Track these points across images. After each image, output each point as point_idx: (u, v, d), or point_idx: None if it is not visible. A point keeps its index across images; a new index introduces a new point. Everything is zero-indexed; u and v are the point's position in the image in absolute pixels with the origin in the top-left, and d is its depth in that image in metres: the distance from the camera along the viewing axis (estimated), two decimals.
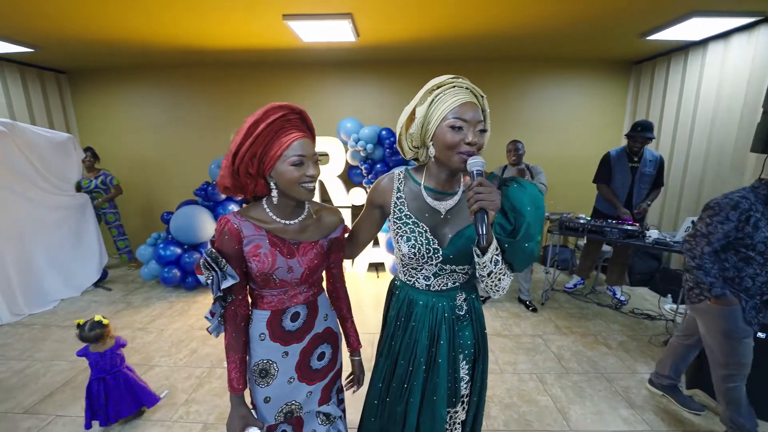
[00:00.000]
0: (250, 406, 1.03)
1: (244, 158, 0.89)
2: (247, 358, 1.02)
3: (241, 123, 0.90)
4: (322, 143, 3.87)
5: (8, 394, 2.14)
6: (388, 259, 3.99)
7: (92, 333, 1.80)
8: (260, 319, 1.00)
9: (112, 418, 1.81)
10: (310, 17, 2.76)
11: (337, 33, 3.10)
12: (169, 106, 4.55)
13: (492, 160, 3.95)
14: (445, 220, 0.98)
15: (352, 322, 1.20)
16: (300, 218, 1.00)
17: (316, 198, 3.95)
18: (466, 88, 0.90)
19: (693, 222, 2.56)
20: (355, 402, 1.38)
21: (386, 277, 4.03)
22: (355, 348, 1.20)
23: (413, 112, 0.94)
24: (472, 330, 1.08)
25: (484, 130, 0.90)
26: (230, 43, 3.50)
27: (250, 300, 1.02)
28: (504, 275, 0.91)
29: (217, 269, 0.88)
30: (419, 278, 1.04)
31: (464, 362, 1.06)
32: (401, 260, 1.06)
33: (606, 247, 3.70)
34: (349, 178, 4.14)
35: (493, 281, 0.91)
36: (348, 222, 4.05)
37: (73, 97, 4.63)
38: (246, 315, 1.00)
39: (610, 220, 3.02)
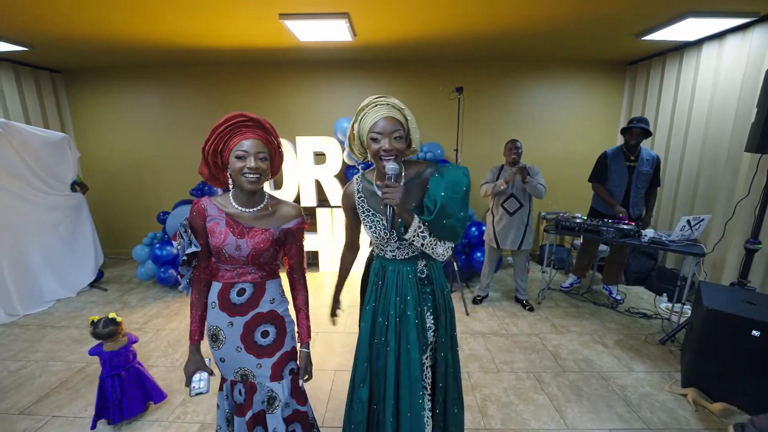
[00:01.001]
0: (208, 365, 1.26)
1: (209, 152, 1.15)
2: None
3: None
4: (319, 143, 3.87)
5: (4, 394, 2.13)
6: None
7: (106, 330, 1.82)
8: (214, 289, 1.21)
9: (125, 414, 1.82)
10: (306, 17, 2.75)
11: (334, 32, 3.10)
12: (165, 106, 4.53)
13: (491, 159, 3.97)
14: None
15: (306, 314, 1.32)
16: (256, 208, 1.20)
17: (312, 197, 3.96)
18: (386, 104, 1.13)
19: (688, 221, 2.58)
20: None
21: None
22: (303, 339, 1.31)
23: (352, 128, 1.19)
24: (432, 288, 1.31)
25: (399, 137, 1.11)
26: (226, 43, 3.49)
27: (212, 272, 1.24)
28: (435, 245, 1.19)
29: (184, 237, 1.13)
30: (387, 251, 1.29)
31: (428, 313, 1.30)
32: (371, 241, 1.31)
33: (603, 247, 3.71)
34: (346, 178, 4.14)
35: (429, 249, 1.20)
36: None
37: (68, 97, 4.60)
38: (208, 281, 1.23)
39: (606, 220, 3.03)
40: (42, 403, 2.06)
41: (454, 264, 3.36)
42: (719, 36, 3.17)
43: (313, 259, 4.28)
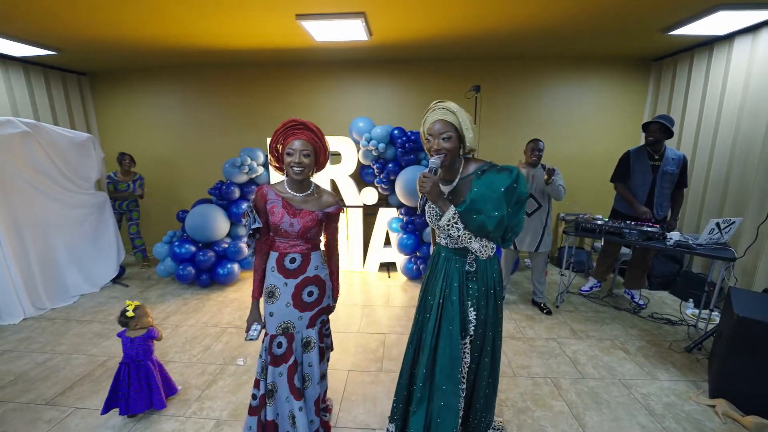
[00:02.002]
0: (262, 319, 1.55)
1: (272, 148, 1.51)
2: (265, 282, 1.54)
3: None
4: (335, 143, 3.88)
5: (31, 385, 2.21)
6: (400, 259, 3.97)
7: (121, 320, 1.92)
8: (273, 257, 1.52)
9: (131, 408, 1.85)
10: (323, 17, 2.76)
11: (350, 32, 3.10)
12: (185, 107, 4.64)
13: (508, 160, 3.90)
14: (447, 198, 1.39)
15: (337, 276, 1.68)
16: (305, 194, 1.52)
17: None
18: (441, 109, 1.30)
19: (718, 224, 2.47)
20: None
21: (397, 277, 4.01)
22: (335, 296, 1.67)
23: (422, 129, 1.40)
24: (478, 284, 1.42)
25: (448, 138, 1.29)
26: (244, 44, 3.54)
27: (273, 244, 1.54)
28: (471, 240, 1.34)
29: (251, 215, 1.44)
30: (441, 237, 1.47)
31: (471, 308, 1.42)
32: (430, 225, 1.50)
33: (625, 249, 3.59)
34: (361, 177, 4.13)
35: (465, 242, 1.35)
36: (358, 221, 4.06)
37: (93, 98, 4.76)
38: (268, 251, 1.54)
39: (629, 221, 2.93)
40: (66, 394, 2.13)
41: None
42: (753, 29, 3.02)
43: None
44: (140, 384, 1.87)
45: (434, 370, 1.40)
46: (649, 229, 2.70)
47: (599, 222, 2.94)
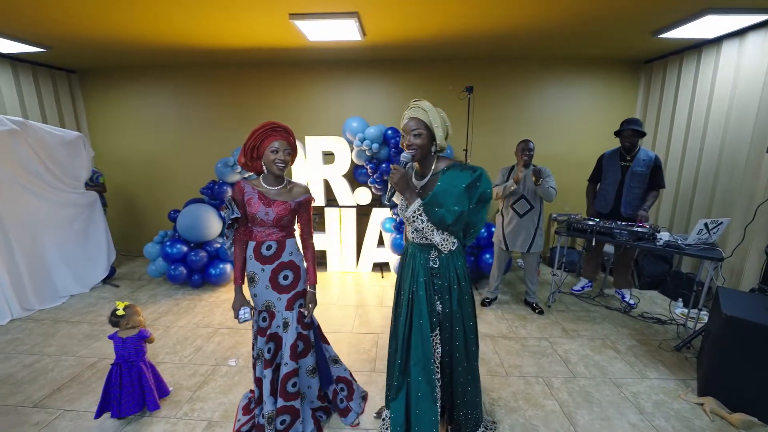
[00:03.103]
0: (249, 299, 1.72)
1: (249, 147, 1.60)
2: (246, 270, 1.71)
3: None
4: (328, 143, 3.87)
5: (18, 387, 2.17)
6: (393, 259, 3.97)
7: (111, 320, 1.90)
8: (250, 246, 1.68)
9: (122, 410, 1.82)
10: (316, 16, 2.75)
11: (343, 32, 3.10)
12: (177, 105, 4.59)
13: (501, 160, 3.93)
14: (419, 192, 1.47)
15: (313, 264, 1.75)
16: (278, 187, 1.67)
17: (320, 197, 3.97)
18: (415, 107, 1.38)
19: (706, 224, 2.51)
20: None
21: (391, 278, 4.01)
22: (311, 282, 1.74)
23: None
24: (441, 280, 1.49)
25: (418, 135, 1.37)
26: (236, 43, 3.52)
27: (249, 234, 1.69)
28: (432, 232, 1.42)
29: (230, 207, 1.60)
30: (409, 232, 1.56)
31: (438, 302, 1.51)
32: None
33: (608, 248, 3.64)
34: (355, 177, 4.13)
35: (428, 234, 1.43)
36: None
37: (83, 97, 4.69)
38: (246, 241, 1.69)
39: (619, 222, 2.96)
40: (54, 396, 2.09)
41: None
42: (740, 33, 3.07)
43: (321, 259, 4.29)
44: (133, 385, 1.84)
45: (408, 362, 1.49)
46: (639, 229, 2.73)
47: (591, 222, 2.97)
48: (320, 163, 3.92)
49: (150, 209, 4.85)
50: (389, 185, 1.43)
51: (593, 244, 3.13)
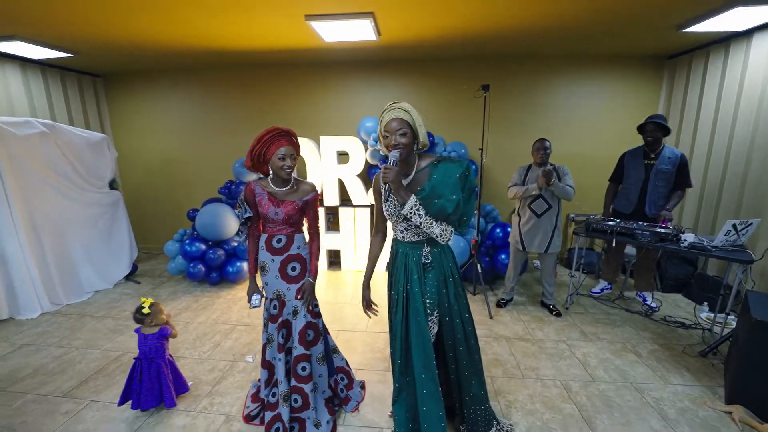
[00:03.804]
0: (261, 289, 1.86)
1: (254, 153, 1.68)
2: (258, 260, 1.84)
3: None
4: (342, 143, 3.89)
5: (49, 378, 2.28)
6: None
7: (135, 317, 1.95)
8: (263, 238, 1.80)
9: (142, 403, 1.88)
10: (331, 17, 2.77)
11: (359, 32, 3.11)
12: (195, 108, 4.70)
13: (517, 159, 3.87)
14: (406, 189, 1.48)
15: (316, 257, 1.85)
16: (285, 188, 1.76)
17: (335, 196, 3.99)
18: (396, 108, 1.40)
19: (734, 225, 2.41)
20: None
21: None
22: (311, 273, 1.83)
23: (379, 128, 1.47)
24: (435, 273, 1.54)
25: (404, 134, 1.38)
26: (253, 45, 3.58)
27: (261, 228, 1.84)
28: (432, 225, 1.42)
29: (242, 207, 1.74)
30: (398, 231, 1.58)
31: (434, 296, 1.54)
32: (388, 219, 1.56)
33: (630, 250, 3.53)
34: (369, 177, 4.14)
35: (427, 228, 1.43)
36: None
37: (107, 99, 4.86)
38: (258, 235, 1.84)
39: (641, 222, 2.88)
40: (82, 387, 2.18)
41: (478, 266, 3.29)
42: None
43: (335, 258, 4.32)
44: (151, 381, 1.90)
45: (409, 360, 1.51)
46: (661, 230, 2.65)
47: (611, 223, 2.89)
48: (335, 163, 3.95)
49: (170, 208, 4.99)
50: (385, 187, 1.42)
51: (614, 245, 3.05)
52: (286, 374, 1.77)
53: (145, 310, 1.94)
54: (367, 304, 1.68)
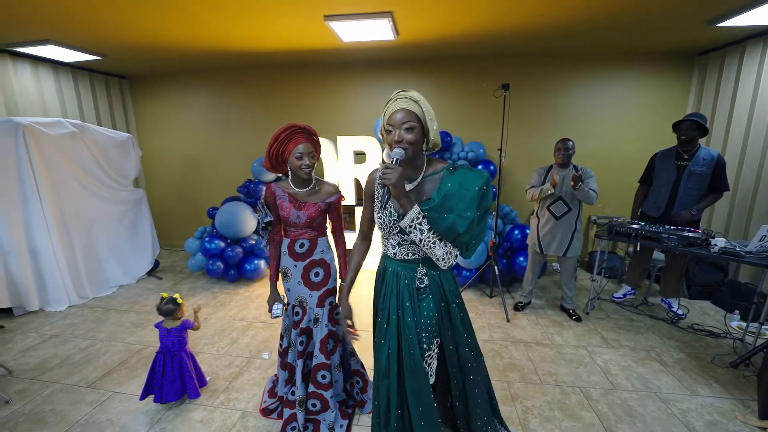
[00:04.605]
0: (282, 298, 1.81)
1: (273, 152, 1.61)
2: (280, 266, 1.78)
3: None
4: (359, 142, 3.90)
5: (75, 368, 2.37)
6: None
7: (166, 307, 1.97)
8: (285, 243, 1.74)
9: (164, 396, 1.93)
10: (350, 17, 2.77)
11: (377, 32, 3.10)
12: (215, 107, 4.81)
13: (537, 160, 3.79)
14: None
15: (344, 260, 1.78)
16: (307, 188, 1.68)
17: (351, 196, 4.01)
18: (403, 98, 1.16)
19: None
20: None
21: None
22: (342, 276, 1.76)
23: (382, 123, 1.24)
24: (434, 301, 1.29)
25: (410, 129, 1.14)
26: (272, 46, 3.62)
27: (283, 233, 1.76)
28: (434, 244, 1.18)
29: (263, 210, 1.68)
30: (389, 246, 1.33)
31: (425, 334, 1.27)
32: (379, 229, 1.34)
33: (658, 254, 3.40)
34: None
35: (427, 248, 1.19)
36: None
37: (132, 100, 5.03)
38: (280, 240, 1.77)
39: (668, 226, 2.76)
40: (105, 378, 2.26)
41: (495, 268, 3.23)
42: None
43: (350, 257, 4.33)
44: (174, 374, 1.95)
45: (405, 403, 1.29)
46: (690, 234, 2.54)
47: (635, 226, 2.79)
48: (351, 162, 3.96)
49: (190, 206, 5.11)
50: (386, 191, 1.16)
51: (638, 249, 2.94)
52: (303, 379, 1.74)
53: (180, 300, 2.00)
54: (348, 323, 1.44)
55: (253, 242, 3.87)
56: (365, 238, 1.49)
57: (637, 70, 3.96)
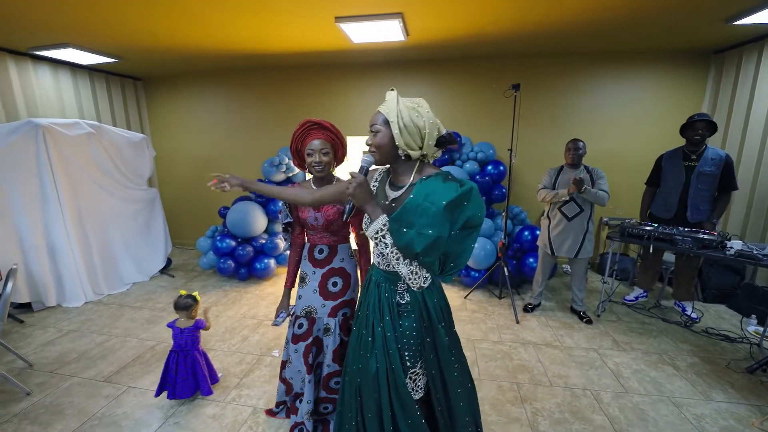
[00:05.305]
0: (289, 308, 1.73)
1: (293, 150, 1.59)
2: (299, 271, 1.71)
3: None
4: None
5: (92, 363, 2.43)
6: None
7: (185, 301, 2.02)
8: (306, 247, 1.67)
9: (177, 393, 1.97)
10: (361, 18, 2.79)
11: (387, 33, 3.11)
12: (227, 108, 4.87)
13: (548, 160, 3.76)
14: (390, 207, 1.16)
15: (365, 271, 1.66)
16: None
17: None
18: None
19: None
20: None
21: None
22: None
23: None
24: (416, 322, 1.15)
25: (376, 132, 1.09)
26: (283, 47, 3.66)
27: (306, 237, 1.70)
28: (398, 261, 1.08)
29: (284, 211, 1.63)
30: (375, 254, 1.25)
31: (408, 353, 1.16)
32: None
33: (668, 256, 3.34)
34: None
35: (393, 264, 1.09)
36: None
37: (147, 101, 5.13)
38: (301, 243, 1.70)
39: (681, 228, 2.72)
40: (121, 373, 2.32)
41: (505, 269, 3.22)
42: None
43: None
44: (187, 372, 1.99)
45: (393, 418, 1.18)
46: (705, 236, 2.49)
47: (648, 228, 2.75)
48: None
49: (202, 205, 5.19)
50: (349, 201, 1.12)
51: (651, 251, 2.90)
52: (315, 390, 1.65)
53: (198, 297, 2.04)
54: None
55: (263, 241, 3.92)
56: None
57: (651, 69, 3.90)
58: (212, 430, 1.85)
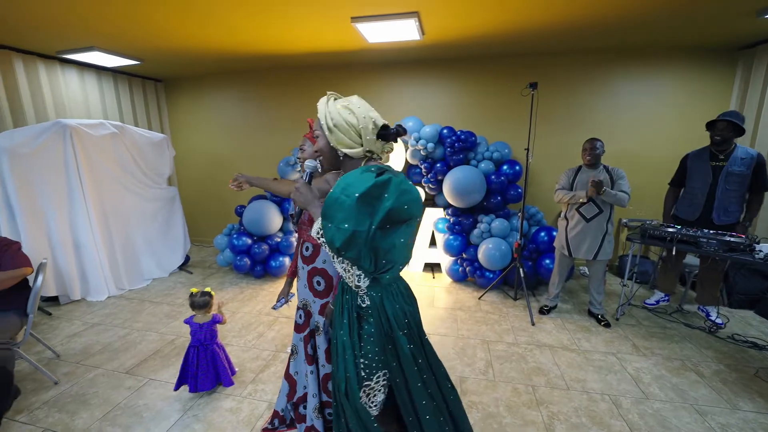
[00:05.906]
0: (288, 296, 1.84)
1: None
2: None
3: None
4: None
5: (115, 355, 2.52)
6: (445, 261, 3.92)
7: (202, 299, 2.06)
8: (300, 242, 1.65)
9: (199, 386, 2.02)
10: (376, 18, 2.80)
11: (402, 32, 3.11)
12: (245, 109, 4.96)
13: (565, 160, 3.69)
14: None
15: None
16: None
17: None
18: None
19: None
20: None
21: (442, 278, 3.96)
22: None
23: None
24: (375, 327, 1.09)
25: (316, 136, 1.15)
26: (299, 48, 3.70)
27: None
28: (334, 259, 1.06)
29: (291, 206, 1.53)
30: None
31: (364, 361, 1.08)
32: None
33: (691, 260, 3.23)
34: (409, 176, 4.13)
35: (336, 263, 1.07)
36: None
37: (167, 102, 5.27)
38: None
39: (706, 230, 2.62)
40: (142, 366, 2.39)
41: (520, 270, 3.18)
42: None
43: None
44: (207, 365, 2.04)
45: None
46: (731, 239, 2.40)
47: (671, 229, 2.67)
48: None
49: (219, 204, 5.30)
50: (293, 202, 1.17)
51: (673, 253, 2.81)
52: (317, 387, 1.64)
53: (212, 292, 2.09)
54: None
55: (278, 239, 3.97)
56: None
57: (674, 66, 3.78)
58: (229, 423, 1.89)
